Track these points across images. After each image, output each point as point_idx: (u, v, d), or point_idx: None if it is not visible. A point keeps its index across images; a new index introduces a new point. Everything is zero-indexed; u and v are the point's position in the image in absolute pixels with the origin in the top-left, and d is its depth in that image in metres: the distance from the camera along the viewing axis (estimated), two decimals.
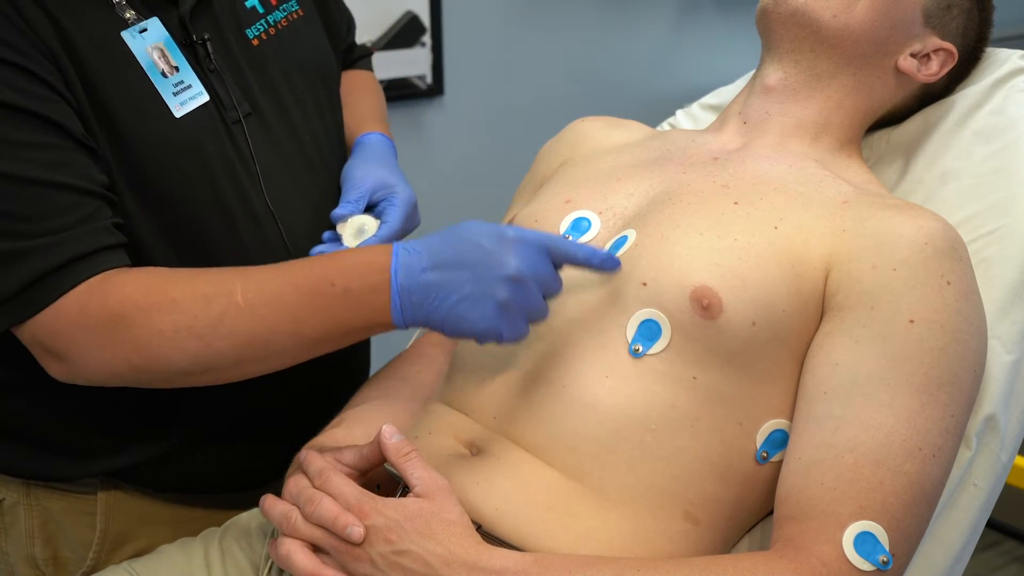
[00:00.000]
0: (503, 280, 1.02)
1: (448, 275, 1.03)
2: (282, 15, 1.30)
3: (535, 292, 1.04)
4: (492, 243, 1.03)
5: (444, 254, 1.03)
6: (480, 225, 1.05)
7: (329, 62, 1.38)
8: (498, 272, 1.02)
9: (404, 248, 1.05)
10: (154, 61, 1.15)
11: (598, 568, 0.98)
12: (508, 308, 1.02)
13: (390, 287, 1.04)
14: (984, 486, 1.16)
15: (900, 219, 1.07)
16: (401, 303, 1.04)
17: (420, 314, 1.04)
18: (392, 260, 1.04)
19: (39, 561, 1.31)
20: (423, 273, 1.03)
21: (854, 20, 1.21)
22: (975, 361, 1.05)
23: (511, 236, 1.03)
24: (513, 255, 1.02)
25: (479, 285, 1.02)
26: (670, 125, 1.60)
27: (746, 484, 1.08)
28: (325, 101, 1.35)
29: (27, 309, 1.06)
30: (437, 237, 1.05)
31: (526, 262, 1.02)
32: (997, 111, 1.30)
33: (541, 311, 1.06)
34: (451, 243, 1.04)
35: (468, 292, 1.02)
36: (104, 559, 1.31)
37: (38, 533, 1.30)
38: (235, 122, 1.21)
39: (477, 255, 1.03)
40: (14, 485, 1.29)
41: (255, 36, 1.26)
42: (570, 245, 1.06)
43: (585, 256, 1.06)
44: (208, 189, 1.17)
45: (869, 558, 0.97)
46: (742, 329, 1.05)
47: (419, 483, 1.01)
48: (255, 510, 1.25)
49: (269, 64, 1.27)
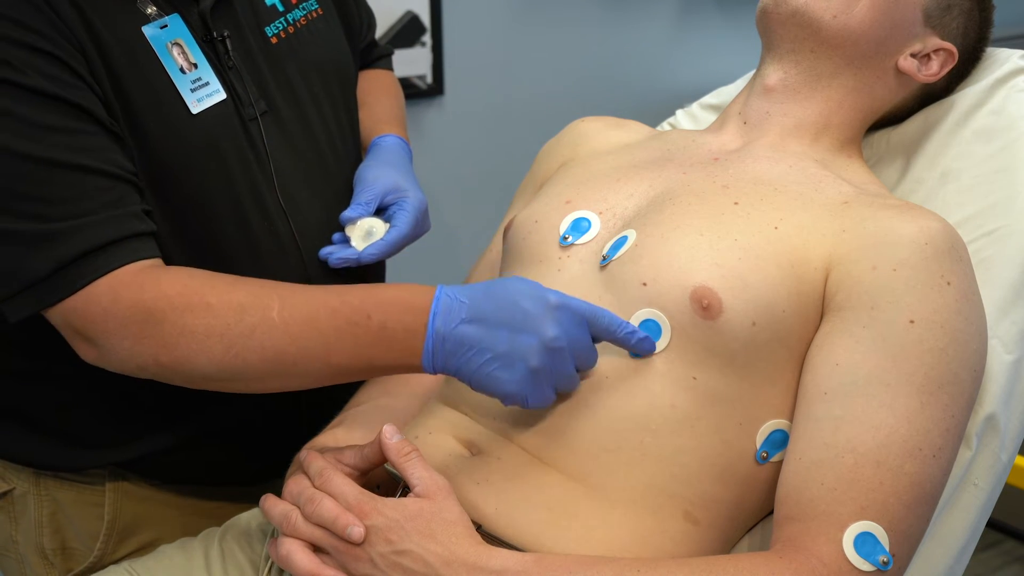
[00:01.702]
0: (540, 347, 1.01)
1: (486, 332, 1.02)
2: (301, 13, 1.30)
3: (569, 362, 1.03)
4: (535, 306, 1.01)
5: (485, 309, 1.02)
6: (525, 285, 1.04)
7: (346, 61, 1.38)
8: (536, 338, 1.01)
9: (447, 294, 1.04)
10: (173, 57, 1.15)
11: (598, 568, 0.98)
12: (539, 375, 1.02)
13: (426, 332, 1.03)
14: (984, 486, 1.16)
15: (900, 219, 1.07)
16: (434, 350, 1.03)
17: (451, 364, 1.04)
18: (432, 304, 1.03)
19: (47, 551, 1.33)
20: (461, 324, 1.02)
21: (854, 20, 1.21)
22: (975, 361, 1.05)
23: (554, 302, 1.02)
24: (554, 323, 1.01)
25: (515, 348, 1.01)
26: (670, 125, 1.60)
27: (746, 484, 1.08)
28: (341, 101, 1.35)
29: (58, 292, 1.06)
30: (481, 289, 1.04)
31: (565, 331, 1.01)
32: (997, 111, 1.30)
33: (571, 381, 1.05)
34: (494, 299, 1.03)
35: (503, 352, 1.01)
36: (111, 550, 1.32)
37: (47, 523, 1.32)
38: (251, 119, 1.21)
39: (518, 317, 1.01)
40: (24, 475, 1.30)
41: (274, 34, 1.27)
42: (612, 320, 1.04)
43: (624, 335, 1.05)
44: (223, 185, 1.18)
45: (869, 558, 0.97)
46: (742, 329, 1.05)
47: (420, 483, 1.01)
48: (255, 510, 1.25)
49: (287, 62, 1.27)
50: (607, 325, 1.04)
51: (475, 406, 1.14)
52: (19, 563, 1.35)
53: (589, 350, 1.04)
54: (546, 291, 1.03)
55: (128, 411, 1.25)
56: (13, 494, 1.32)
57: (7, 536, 1.34)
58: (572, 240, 1.17)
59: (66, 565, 1.33)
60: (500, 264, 1.29)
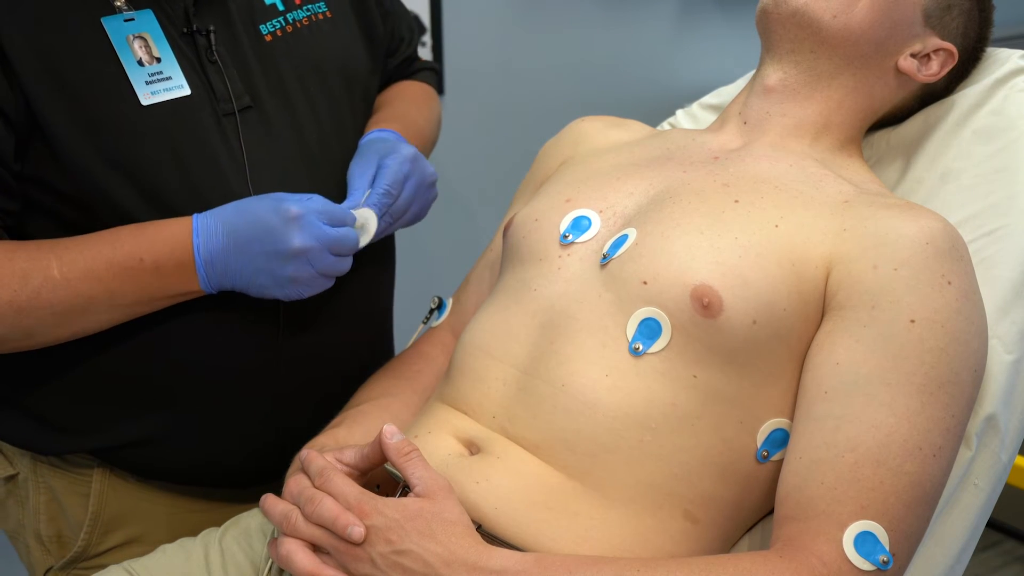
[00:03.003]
0: (289, 256, 1.15)
1: (243, 248, 1.15)
2: (305, 14, 1.31)
3: (324, 256, 1.16)
4: (277, 219, 1.14)
5: (237, 228, 1.15)
6: (266, 201, 1.16)
7: (355, 66, 1.37)
8: (283, 248, 1.14)
9: (203, 222, 1.15)
10: (132, 49, 1.17)
11: (598, 568, 0.98)
12: (299, 279, 1.16)
13: (195, 262, 1.15)
14: (984, 486, 1.16)
15: (901, 219, 1.07)
16: (207, 275, 1.16)
17: (226, 283, 1.17)
18: (194, 238, 1.15)
19: (44, 538, 1.35)
20: (222, 249, 1.15)
21: (854, 20, 1.21)
22: (976, 361, 1.05)
23: (294, 213, 1.14)
24: (296, 230, 1.14)
25: (269, 260, 1.15)
26: (670, 125, 1.60)
27: (746, 483, 1.08)
28: (346, 103, 1.35)
29: None
30: (231, 209, 1.16)
31: (308, 234, 1.14)
32: (997, 111, 1.30)
33: (336, 266, 1.18)
34: (243, 218, 1.15)
35: (262, 266, 1.15)
36: (95, 542, 1.33)
37: (44, 510, 1.34)
38: (227, 114, 1.22)
39: (264, 231, 1.14)
40: (25, 460, 1.33)
41: (269, 32, 1.28)
42: (339, 210, 1.18)
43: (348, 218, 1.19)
44: (178, 177, 1.19)
45: (869, 558, 0.97)
46: (742, 328, 1.05)
47: (420, 483, 1.01)
48: (255, 510, 1.25)
49: (280, 60, 1.28)
50: (338, 214, 1.18)
51: (475, 406, 1.14)
52: (26, 548, 1.37)
53: (337, 238, 1.16)
54: (285, 203, 1.15)
55: (96, 394, 1.26)
56: (18, 478, 1.34)
57: (17, 520, 1.37)
58: (572, 238, 1.17)
59: (60, 553, 1.35)
60: (500, 263, 1.29)
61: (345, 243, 1.18)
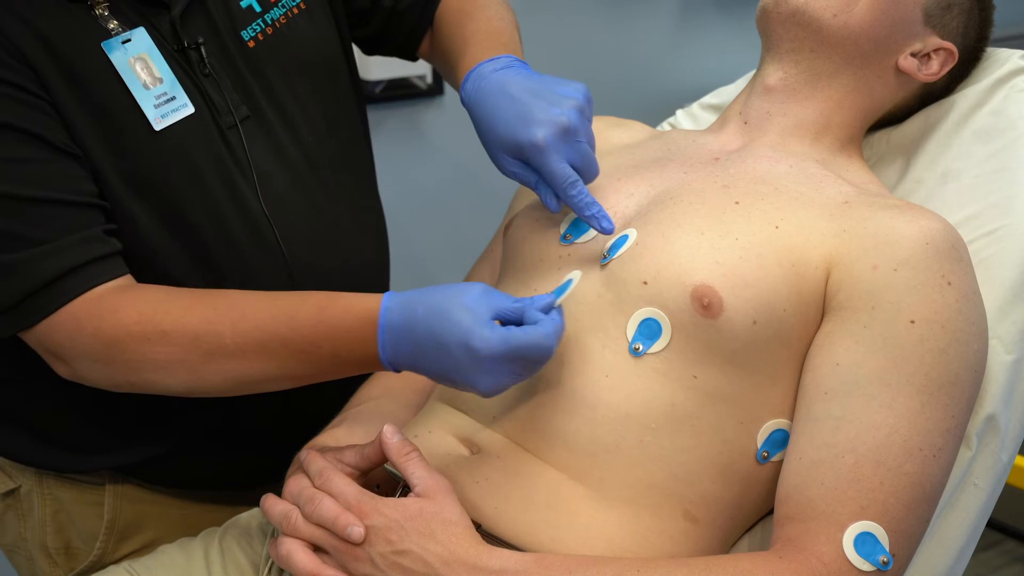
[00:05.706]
0: (481, 389, 1.02)
1: (431, 370, 1.03)
2: (281, 12, 1.28)
3: (515, 376, 1.02)
4: (464, 356, 1.00)
5: (420, 355, 1.03)
6: (453, 331, 1.00)
7: (334, 54, 1.35)
8: (472, 385, 1.02)
9: (390, 339, 1.04)
10: (136, 73, 1.15)
11: (598, 568, 0.98)
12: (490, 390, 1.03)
13: (379, 359, 1.05)
14: (984, 486, 1.16)
15: (901, 219, 1.07)
16: (389, 364, 1.06)
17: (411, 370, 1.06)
18: (379, 336, 1.04)
19: (51, 550, 1.34)
20: (409, 357, 1.04)
21: (854, 20, 1.21)
22: (976, 361, 1.05)
23: (482, 354, 0.99)
24: (483, 374, 1.00)
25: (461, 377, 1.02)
26: (670, 125, 1.60)
27: (746, 484, 1.08)
28: (331, 95, 1.33)
29: (27, 319, 1.10)
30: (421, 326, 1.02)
31: (497, 377, 1.01)
32: (997, 111, 1.30)
33: (532, 370, 1.03)
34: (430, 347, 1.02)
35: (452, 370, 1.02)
36: (111, 550, 1.32)
37: (50, 522, 1.32)
38: (230, 127, 1.21)
39: (452, 366, 1.01)
40: (28, 473, 1.32)
41: (251, 37, 1.25)
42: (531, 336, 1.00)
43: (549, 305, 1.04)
44: (198, 195, 1.18)
45: (869, 558, 0.97)
46: (743, 328, 1.05)
47: (420, 483, 1.01)
48: (255, 510, 1.25)
49: (266, 65, 1.26)
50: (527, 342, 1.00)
51: (475, 406, 1.14)
52: (28, 561, 1.36)
53: (530, 364, 1.02)
54: (473, 337, 0.99)
55: (115, 419, 1.26)
56: (19, 492, 1.33)
57: (16, 534, 1.36)
58: (572, 239, 1.17)
59: (69, 565, 1.34)
60: (500, 263, 1.29)
61: (539, 352, 1.01)
